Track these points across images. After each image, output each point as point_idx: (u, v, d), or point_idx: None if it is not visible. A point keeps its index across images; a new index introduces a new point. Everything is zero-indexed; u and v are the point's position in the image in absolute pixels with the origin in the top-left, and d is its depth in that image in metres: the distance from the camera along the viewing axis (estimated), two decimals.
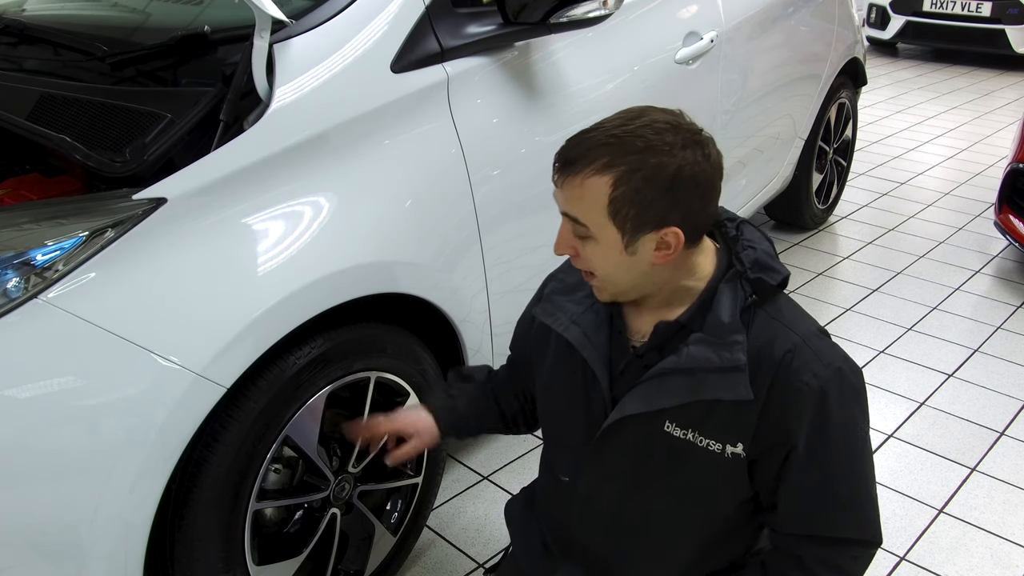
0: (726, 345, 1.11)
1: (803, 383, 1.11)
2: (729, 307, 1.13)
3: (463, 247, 1.80)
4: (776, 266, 1.17)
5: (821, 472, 1.15)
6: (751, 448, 1.15)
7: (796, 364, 1.11)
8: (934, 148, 5.26)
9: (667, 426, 1.18)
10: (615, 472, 1.26)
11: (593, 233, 1.11)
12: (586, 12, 1.84)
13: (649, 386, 1.17)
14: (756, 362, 1.12)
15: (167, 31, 1.68)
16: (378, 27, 1.67)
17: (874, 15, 7.79)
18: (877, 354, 2.93)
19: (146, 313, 1.33)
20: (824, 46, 3.40)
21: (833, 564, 1.20)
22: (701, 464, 1.18)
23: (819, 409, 1.12)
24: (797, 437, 1.13)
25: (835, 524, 1.18)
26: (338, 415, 1.70)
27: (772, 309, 1.16)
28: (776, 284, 1.16)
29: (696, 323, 1.15)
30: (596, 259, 1.13)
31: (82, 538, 1.27)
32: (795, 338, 1.13)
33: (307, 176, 1.54)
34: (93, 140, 1.51)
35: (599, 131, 1.10)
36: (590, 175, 1.07)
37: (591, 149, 1.08)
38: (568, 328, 1.25)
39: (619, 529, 1.29)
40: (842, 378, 1.13)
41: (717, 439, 1.16)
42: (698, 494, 1.22)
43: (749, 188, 3.13)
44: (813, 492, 1.16)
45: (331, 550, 1.73)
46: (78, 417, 1.26)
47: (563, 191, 1.11)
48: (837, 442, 1.14)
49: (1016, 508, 2.21)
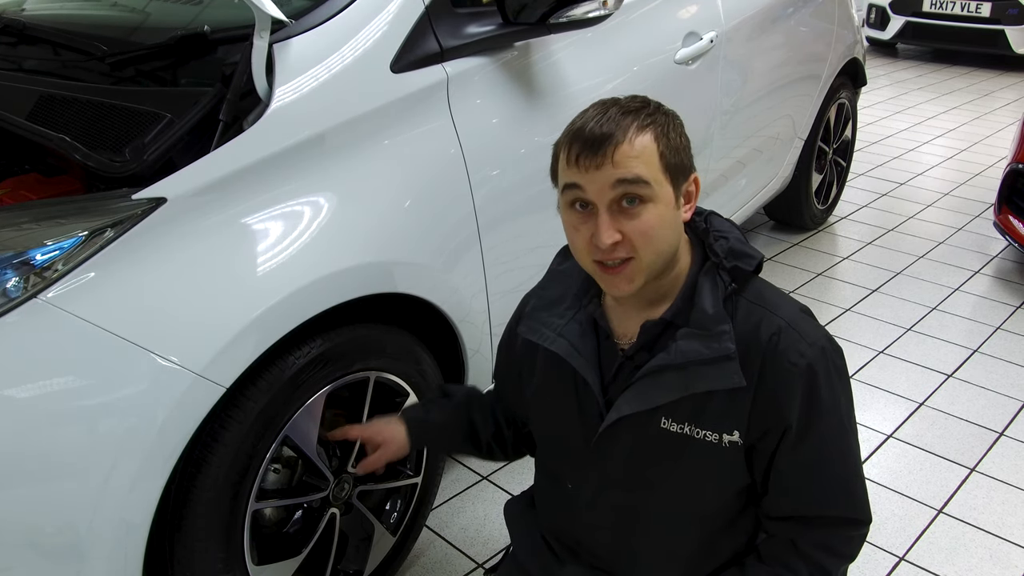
0: (714, 336, 1.13)
1: (791, 363, 1.13)
2: (711, 298, 1.15)
3: (463, 247, 1.80)
4: (750, 251, 1.19)
5: (813, 451, 1.17)
6: (747, 435, 1.17)
7: (783, 345, 1.13)
8: (934, 148, 5.26)
9: (663, 423, 1.19)
10: (615, 474, 1.26)
11: (654, 191, 1.10)
12: (586, 12, 1.84)
13: (642, 385, 1.18)
14: (744, 349, 1.14)
15: (167, 31, 1.68)
16: (378, 27, 1.67)
17: (874, 15, 7.79)
18: (876, 354, 2.93)
19: (146, 313, 1.33)
20: (824, 46, 3.40)
21: (827, 546, 1.22)
22: (699, 456, 1.19)
23: (808, 388, 1.14)
24: (790, 418, 1.15)
25: (827, 503, 1.20)
26: (337, 415, 1.70)
27: (753, 295, 1.18)
28: (753, 270, 1.19)
29: (681, 318, 1.18)
30: (653, 222, 1.10)
31: (81, 538, 1.27)
32: (779, 321, 1.15)
33: (306, 176, 1.54)
34: (93, 140, 1.51)
35: (605, 115, 1.11)
36: (635, 135, 1.09)
37: (618, 121, 1.10)
38: (554, 341, 1.25)
39: (624, 529, 1.30)
40: (827, 357, 1.16)
41: (713, 430, 1.17)
42: (699, 487, 1.23)
43: (749, 188, 3.13)
44: (805, 471, 1.18)
45: (330, 550, 1.73)
46: (77, 417, 1.26)
47: (613, 164, 1.08)
48: (827, 421, 1.16)
49: (1015, 508, 2.22)
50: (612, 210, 1.10)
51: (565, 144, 1.14)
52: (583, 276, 1.27)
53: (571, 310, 1.27)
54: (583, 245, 1.14)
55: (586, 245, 1.13)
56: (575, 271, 1.29)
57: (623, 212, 1.10)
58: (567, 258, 1.34)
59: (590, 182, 1.10)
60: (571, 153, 1.11)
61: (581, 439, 1.27)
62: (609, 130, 1.09)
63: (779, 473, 1.19)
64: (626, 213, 1.10)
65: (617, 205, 1.10)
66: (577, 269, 1.28)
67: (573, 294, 1.28)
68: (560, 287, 1.30)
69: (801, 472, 1.18)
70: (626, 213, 1.10)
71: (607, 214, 1.10)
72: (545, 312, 1.29)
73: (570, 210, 1.15)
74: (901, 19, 7.57)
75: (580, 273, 1.27)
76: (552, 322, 1.27)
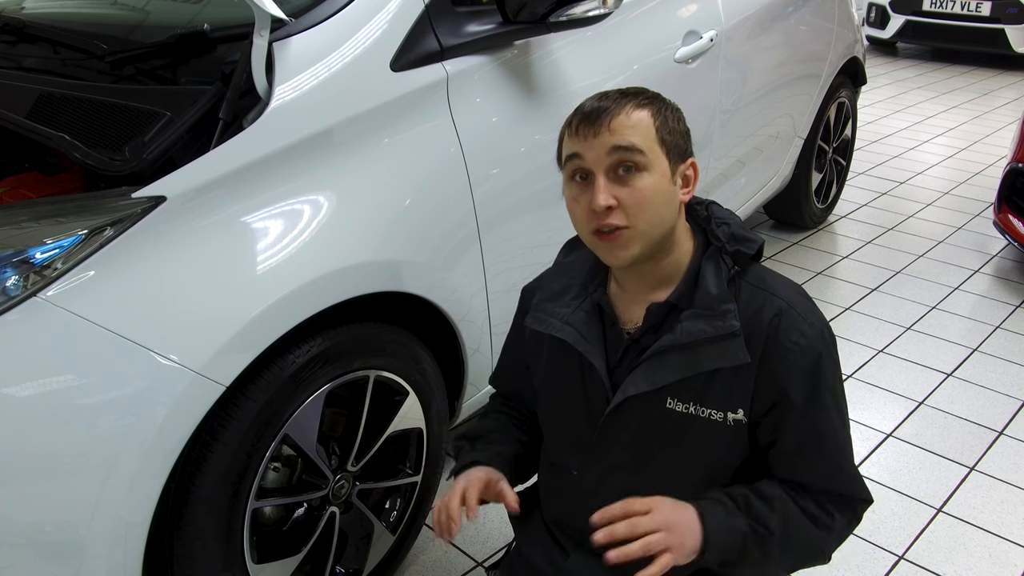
0: (719, 315, 1.18)
1: (793, 343, 1.18)
2: (715, 280, 1.20)
3: (462, 246, 1.80)
4: (750, 236, 1.24)
5: (813, 429, 1.21)
6: (751, 412, 1.21)
7: (784, 326, 1.18)
8: (933, 147, 5.26)
9: (669, 403, 1.22)
10: (621, 457, 1.28)
11: (649, 160, 1.15)
12: (585, 11, 1.84)
13: (649, 365, 1.21)
14: (747, 330, 1.18)
15: (166, 29, 1.68)
16: (377, 25, 1.67)
17: (874, 14, 7.79)
18: (876, 353, 2.93)
19: (145, 311, 1.33)
20: (824, 45, 3.40)
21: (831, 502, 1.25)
22: (704, 435, 1.22)
23: (809, 367, 1.19)
24: (792, 396, 1.19)
25: (828, 478, 1.23)
26: (337, 414, 1.70)
27: (754, 279, 1.23)
28: (754, 254, 1.23)
29: (686, 301, 1.21)
30: (647, 191, 1.15)
31: (81, 537, 1.27)
32: (780, 303, 1.20)
33: (306, 175, 1.54)
34: (92, 138, 1.51)
35: (605, 95, 1.19)
36: (632, 109, 1.16)
37: (616, 99, 1.17)
38: (561, 329, 1.28)
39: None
40: (824, 339, 1.21)
41: (718, 408, 1.21)
42: (703, 466, 1.26)
43: (748, 187, 3.13)
44: (806, 446, 1.21)
45: (330, 549, 1.73)
46: (77, 415, 1.26)
47: (610, 132, 1.15)
48: (824, 401, 1.21)
49: (1014, 507, 2.22)
50: (609, 177, 1.16)
51: (567, 121, 1.21)
52: (588, 266, 1.32)
53: (577, 299, 1.30)
54: (583, 215, 1.18)
55: (585, 214, 1.18)
56: (580, 262, 1.33)
57: (619, 180, 1.16)
58: (572, 250, 1.38)
59: (588, 149, 1.16)
60: (572, 126, 1.19)
61: (587, 424, 1.29)
62: (606, 104, 1.17)
63: (782, 451, 1.23)
64: (622, 180, 1.16)
65: (614, 173, 1.16)
66: (582, 260, 1.33)
67: (579, 284, 1.31)
68: (566, 278, 1.33)
69: (804, 448, 1.22)
70: (622, 180, 1.16)
71: (604, 179, 1.16)
72: (551, 303, 1.32)
73: (571, 183, 1.20)
74: (901, 18, 7.57)
75: (585, 264, 1.32)
76: (558, 311, 1.30)
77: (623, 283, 1.27)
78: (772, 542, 1.19)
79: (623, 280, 1.27)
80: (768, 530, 1.19)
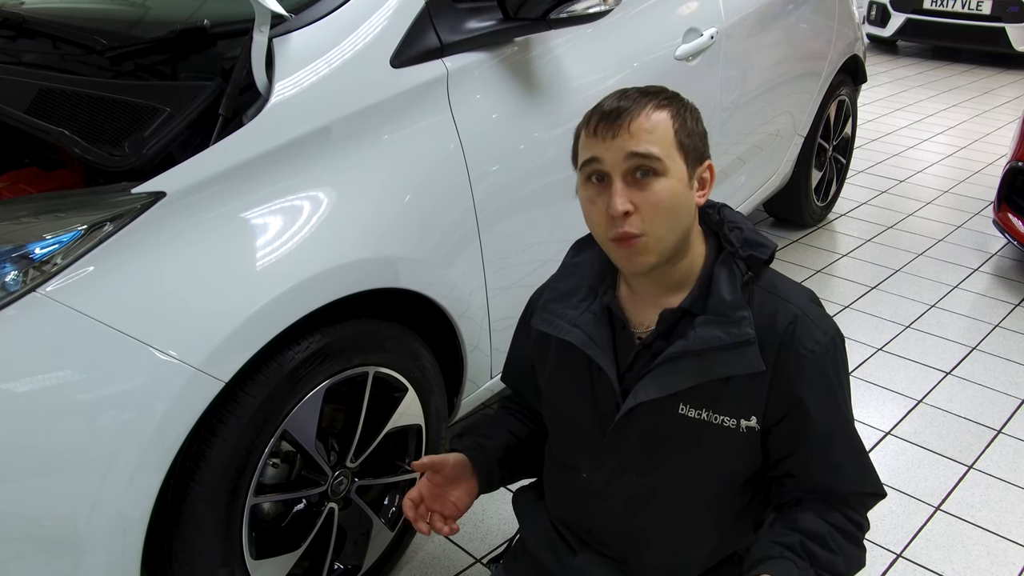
0: (733, 322, 1.16)
1: (808, 350, 1.18)
2: (729, 286, 1.19)
3: (462, 242, 1.80)
4: (763, 240, 1.23)
5: (832, 434, 1.21)
6: (765, 419, 1.20)
7: (799, 332, 1.18)
8: (933, 146, 5.26)
9: (681, 409, 1.21)
10: (631, 462, 1.27)
11: (667, 165, 1.14)
12: (586, 8, 1.84)
13: (661, 371, 1.20)
14: (762, 336, 1.18)
15: (166, 25, 1.68)
16: (378, 22, 1.66)
17: (874, 12, 7.79)
18: (875, 351, 2.93)
19: (145, 307, 1.33)
20: (824, 43, 3.40)
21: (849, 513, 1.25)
22: (716, 442, 1.21)
23: (823, 374, 1.19)
24: (807, 403, 1.18)
25: (856, 480, 1.23)
26: (336, 410, 1.70)
27: (767, 284, 1.23)
28: (766, 259, 1.23)
29: (699, 307, 1.20)
30: (664, 196, 1.14)
31: (80, 532, 1.27)
32: (794, 310, 1.19)
33: (306, 171, 1.54)
34: (92, 134, 1.51)
35: (624, 94, 1.17)
36: (652, 111, 1.15)
37: (636, 99, 1.16)
38: (568, 332, 1.26)
39: (638, 517, 1.30)
40: (836, 345, 1.21)
41: (732, 415, 1.20)
42: (714, 472, 1.25)
43: (748, 185, 3.13)
44: (829, 453, 1.21)
45: (328, 545, 1.73)
46: (76, 411, 1.26)
47: (629, 134, 1.13)
48: (839, 406, 1.21)
49: (1013, 506, 2.22)
50: (626, 181, 1.14)
51: (585, 120, 1.19)
52: (597, 268, 1.30)
53: (585, 301, 1.28)
54: (599, 219, 1.17)
55: (602, 219, 1.16)
56: (589, 263, 1.31)
57: (636, 184, 1.14)
58: (580, 251, 1.36)
59: (606, 151, 1.14)
60: (590, 125, 1.17)
61: (596, 428, 1.28)
62: (626, 105, 1.15)
63: (802, 459, 1.22)
64: (639, 185, 1.14)
65: (631, 177, 1.14)
66: (591, 261, 1.31)
67: (587, 286, 1.30)
68: (574, 279, 1.32)
69: (825, 453, 1.21)
70: (639, 185, 1.14)
71: (621, 183, 1.14)
72: (559, 304, 1.30)
73: (587, 184, 1.19)
74: (902, 16, 7.57)
75: (594, 265, 1.30)
76: (566, 313, 1.28)
77: (634, 286, 1.26)
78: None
79: (634, 283, 1.25)
80: (838, 574, 1.19)
